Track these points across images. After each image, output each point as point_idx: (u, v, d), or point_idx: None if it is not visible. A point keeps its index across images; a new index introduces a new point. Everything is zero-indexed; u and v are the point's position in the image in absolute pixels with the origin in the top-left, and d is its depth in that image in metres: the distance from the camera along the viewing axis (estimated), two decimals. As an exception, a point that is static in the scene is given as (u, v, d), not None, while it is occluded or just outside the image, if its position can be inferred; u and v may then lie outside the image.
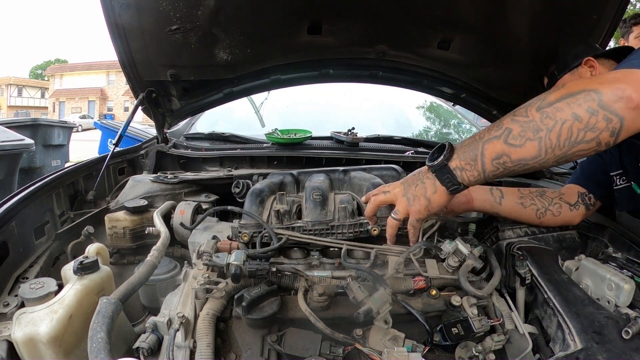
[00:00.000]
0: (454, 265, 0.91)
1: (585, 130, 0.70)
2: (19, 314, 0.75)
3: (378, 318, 0.76)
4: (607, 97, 0.68)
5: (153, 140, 1.79)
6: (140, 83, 1.48)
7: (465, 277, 0.88)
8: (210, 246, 0.89)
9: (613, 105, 0.68)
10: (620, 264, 0.91)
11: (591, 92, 0.69)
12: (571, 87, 0.73)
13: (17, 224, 0.98)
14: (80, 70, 37.39)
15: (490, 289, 0.89)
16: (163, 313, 0.79)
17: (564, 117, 0.70)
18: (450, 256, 0.92)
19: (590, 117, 0.69)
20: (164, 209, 1.20)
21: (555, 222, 1.11)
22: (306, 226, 0.97)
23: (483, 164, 0.78)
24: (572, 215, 1.13)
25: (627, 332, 0.72)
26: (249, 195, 1.03)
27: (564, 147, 0.72)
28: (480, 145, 0.78)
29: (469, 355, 0.80)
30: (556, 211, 1.11)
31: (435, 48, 1.49)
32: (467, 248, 0.91)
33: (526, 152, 0.74)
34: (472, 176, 0.80)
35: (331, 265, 0.96)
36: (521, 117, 0.75)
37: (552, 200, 1.12)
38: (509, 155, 0.75)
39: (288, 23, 1.38)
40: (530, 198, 1.12)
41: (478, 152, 0.78)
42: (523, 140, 0.73)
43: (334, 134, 1.74)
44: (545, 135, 0.72)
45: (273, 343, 0.74)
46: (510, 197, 1.13)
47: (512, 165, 0.77)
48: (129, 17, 1.24)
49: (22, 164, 3.75)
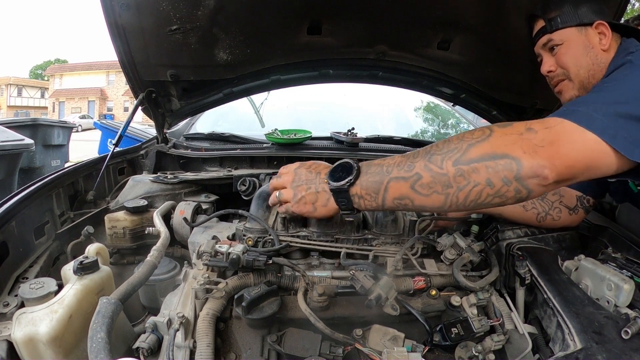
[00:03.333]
0: (451, 258, 0.92)
1: (493, 196, 0.70)
2: (19, 314, 0.75)
3: (386, 304, 0.77)
4: (525, 172, 0.67)
5: (153, 140, 1.79)
6: (140, 83, 1.48)
7: (459, 269, 0.88)
8: (210, 246, 0.89)
9: (527, 181, 0.68)
10: (620, 264, 0.91)
11: (512, 162, 0.67)
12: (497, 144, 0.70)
13: (17, 224, 0.98)
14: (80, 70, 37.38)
15: (484, 283, 0.90)
16: (163, 313, 0.79)
17: (478, 181, 0.69)
18: (448, 249, 0.92)
19: (502, 186, 0.69)
20: (164, 209, 1.20)
21: (555, 225, 1.12)
22: (311, 236, 0.96)
23: (384, 199, 0.77)
24: (572, 219, 1.12)
25: (627, 332, 0.72)
26: (256, 198, 1.02)
27: (468, 207, 0.72)
28: (386, 180, 0.76)
29: (469, 355, 0.80)
30: (556, 215, 1.11)
31: (435, 48, 1.49)
32: (466, 242, 0.92)
33: (430, 202, 0.73)
34: (370, 206, 0.79)
35: (331, 265, 0.96)
36: (435, 166, 0.72)
37: (553, 205, 1.11)
38: (412, 200, 0.74)
39: (288, 23, 1.38)
40: (531, 201, 1.12)
41: (382, 187, 0.76)
42: (430, 191, 0.72)
43: (333, 134, 1.74)
44: (454, 192, 0.71)
45: (273, 343, 0.74)
46: None
47: (411, 207, 0.77)
48: (129, 17, 1.24)
49: (22, 164, 3.75)
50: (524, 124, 0.72)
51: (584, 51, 0.98)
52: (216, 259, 0.82)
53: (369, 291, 0.76)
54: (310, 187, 0.84)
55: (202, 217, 1.17)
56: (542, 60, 1.07)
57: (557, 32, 1.01)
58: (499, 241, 1.08)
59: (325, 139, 1.76)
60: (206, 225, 1.13)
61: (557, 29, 1.01)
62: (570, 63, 1.00)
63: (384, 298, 0.76)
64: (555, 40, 1.01)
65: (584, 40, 0.99)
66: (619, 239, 1.08)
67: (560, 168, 0.68)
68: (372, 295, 0.75)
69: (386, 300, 0.76)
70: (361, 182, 0.78)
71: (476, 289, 0.88)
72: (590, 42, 0.98)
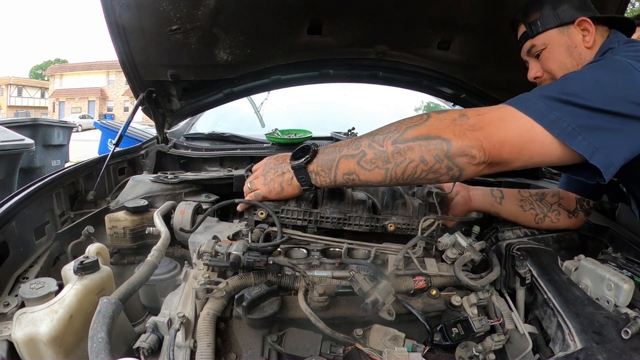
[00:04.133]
0: (453, 257, 0.92)
1: (427, 172, 0.78)
2: (19, 314, 0.75)
3: (382, 309, 0.77)
4: (454, 151, 0.74)
5: (153, 140, 1.79)
6: (141, 83, 1.48)
7: (460, 267, 0.89)
8: (210, 246, 0.89)
9: (457, 159, 0.75)
10: (620, 264, 0.91)
11: (443, 142, 0.75)
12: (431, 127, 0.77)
13: (17, 224, 0.98)
14: (80, 70, 37.38)
15: (485, 282, 0.90)
16: (163, 313, 0.79)
17: (412, 157, 0.77)
18: (449, 248, 0.93)
19: (435, 163, 0.76)
20: (164, 209, 1.20)
21: (554, 227, 1.12)
22: (323, 213, 0.99)
23: (335, 175, 0.86)
24: (572, 222, 1.12)
25: (627, 332, 0.72)
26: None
27: (407, 180, 0.80)
28: (337, 157, 0.86)
29: (469, 355, 0.80)
30: (555, 218, 1.11)
31: (435, 48, 1.49)
32: (467, 241, 0.92)
33: (373, 176, 0.82)
34: (324, 182, 0.89)
35: (331, 265, 0.96)
36: (377, 144, 0.81)
37: (552, 207, 1.11)
38: (358, 175, 0.83)
39: (288, 23, 1.38)
40: (529, 202, 1.12)
41: (334, 163, 0.86)
42: (373, 166, 0.81)
43: (334, 134, 1.74)
44: (392, 167, 0.79)
45: (273, 343, 0.74)
46: (510, 199, 1.13)
47: (359, 183, 0.86)
48: (129, 17, 1.24)
49: (22, 164, 3.75)
50: (459, 111, 0.78)
51: (567, 52, 0.96)
52: (217, 259, 0.82)
53: (367, 294, 0.76)
54: (277, 170, 0.96)
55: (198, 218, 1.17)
56: (529, 67, 1.05)
57: (538, 37, 0.99)
58: (499, 241, 1.08)
59: (326, 138, 1.77)
60: (206, 225, 1.13)
61: (538, 33, 0.98)
62: (555, 67, 0.98)
63: (381, 303, 0.76)
64: (538, 45, 1.00)
65: (566, 40, 0.96)
66: (619, 239, 1.08)
67: (487, 148, 0.73)
68: (368, 299, 0.75)
69: (382, 305, 0.77)
70: (317, 160, 0.89)
71: (478, 288, 0.88)
72: (573, 41, 0.96)
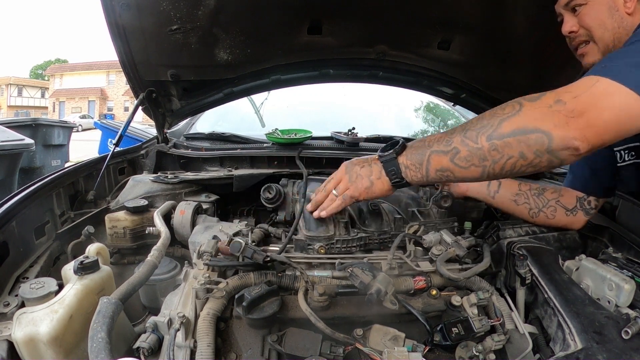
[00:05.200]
0: (438, 254, 0.92)
1: (527, 166, 0.75)
2: (19, 314, 0.75)
3: (386, 299, 0.77)
4: (556, 145, 0.71)
5: (153, 140, 1.79)
6: (141, 83, 1.48)
7: (443, 262, 0.90)
8: (210, 246, 0.89)
9: (559, 152, 0.71)
10: (621, 264, 0.91)
11: (544, 136, 0.71)
12: (528, 118, 0.73)
13: (17, 224, 0.98)
14: (80, 70, 37.36)
15: (469, 274, 0.90)
16: (163, 313, 0.79)
17: (511, 154, 0.74)
18: (435, 245, 0.94)
19: (535, 157, 0.73)
20: (165, 209, 1.20)
21: (550, 224, 1.12)
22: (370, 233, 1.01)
23: (427, 171, 0.84)
24: (569, 221, 1.11)
25: (627, 332, 0.72)
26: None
27: (504, 175, 0.78)
28: (428, 153, 0.83)
29: (469, 355, 0.80)
30: (550, 214, 1.10)
31: (435, 48, 1.49)
32: (452, 238, 0.94)
33: (469, 174, 0.80)
34: (415, 177, 0.86)
35: (331, 265, 0.95)
36: (471, 141, 0.78)
37: (548, 203, 1.11)
38: (453, 172, 0.81)
39: (288, 23, 1.38)
40: (525, 197, 1.12)
41: (425, 158, 0.83)
42: (468, 164, 0.79)
43: (334, 134, 1.73)
44: (490, 164, 0.77)
45: (273, 343, 0.74)
46: (506, 192, 1.15)
47: (453, 179, 0.83)
48: (130, 17, 1.24)
49: (22, 164, 3.75)
50: (553, 96, 0.73)
51: (608, 12, 0.93)
52: (217, 259, 0.83)
53: (369, 286, 0.77)
54: (364, 165, 0.92)
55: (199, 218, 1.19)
56: (563, 20, 1.02)
57: None
58: (500, 240, 1.08)
59: (326, 138, 1.76)
60: (207, 225, 1.13)
61: None
62: (595, 24, 0.95)
63: (384, 292, 0.76)
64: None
65: (608, 0, 0.93)
66: (619, 239, 1.08)
67: (591, 138, 0.70)
68: (372, 289, 0.76)
69: (385, 294, 0.77)
70: (406, 153, 0.87)
71: (460, 280, 0.89)
72: (615, 3, 0.93)
